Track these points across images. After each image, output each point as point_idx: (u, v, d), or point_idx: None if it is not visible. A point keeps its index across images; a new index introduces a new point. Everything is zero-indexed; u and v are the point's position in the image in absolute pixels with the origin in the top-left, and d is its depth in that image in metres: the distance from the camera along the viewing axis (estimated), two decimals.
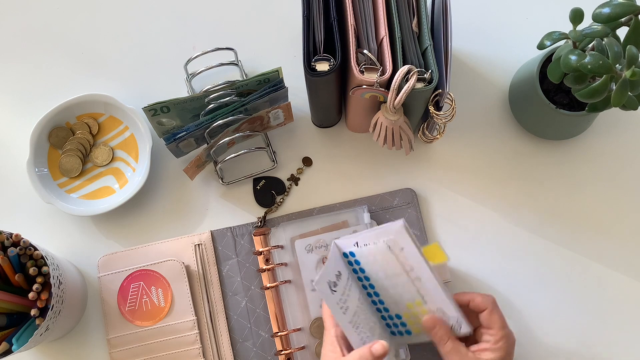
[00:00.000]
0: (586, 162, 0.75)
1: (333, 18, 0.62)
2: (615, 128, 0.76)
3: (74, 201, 0.74)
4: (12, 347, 0.62)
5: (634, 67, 0.55)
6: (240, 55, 0.77)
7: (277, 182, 0.76)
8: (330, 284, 0.59)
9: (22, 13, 0.82)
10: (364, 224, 0.72)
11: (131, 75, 0.80)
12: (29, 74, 0.80)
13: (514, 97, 0.75)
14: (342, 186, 0.75)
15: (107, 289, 0.72)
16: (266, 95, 0.69)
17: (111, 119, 0.77)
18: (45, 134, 0.75)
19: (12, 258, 0.62)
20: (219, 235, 0.74)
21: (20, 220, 0.76)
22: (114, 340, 0.71)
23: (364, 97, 0.63)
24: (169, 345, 0.70)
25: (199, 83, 0.77)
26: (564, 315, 0.71)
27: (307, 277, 0.71)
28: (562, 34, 0.61)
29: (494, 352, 0.59)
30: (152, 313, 0.71)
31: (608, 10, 0.57)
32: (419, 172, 0.75)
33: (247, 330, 0.72)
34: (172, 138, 0.69)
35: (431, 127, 0.70)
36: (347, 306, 0.59)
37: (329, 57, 0.61)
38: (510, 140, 0.76)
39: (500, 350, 0.59)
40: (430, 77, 0.61)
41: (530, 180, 0.75)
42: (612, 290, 0.72)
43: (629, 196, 0.74)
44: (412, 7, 0.64)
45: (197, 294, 0.72)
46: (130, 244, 0.74)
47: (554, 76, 0.61)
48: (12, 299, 0.63)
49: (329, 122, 0.77)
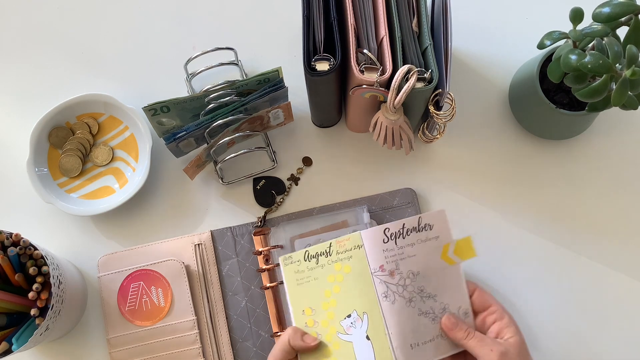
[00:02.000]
0: (586, 161, 0.75)
1: (333, 18, 0.62)
2: (616, 128, 0.75)
3: (74, 201, 0.74)
4: (12, 346, 0.61)
5: (634, 66, 0.55)
6: (240, 55, 0.77)
7: (277, 182, 0.76)
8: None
9: (22, 13, 0.82)
10: (364, 224, 0.72)
11: (131, 75, 0.80)
12: (29, 74, 0.81)
13: (514, 97, 0.75)
14: (342, 186, 0.75)
15: (107, 289, 0.72)
16: (266, 95, 0.69)
17: (111, 119, 0.77)
18: (45, 133, 0.75)
19: (12, 258, 0.62)
20: (219, 235, 0.74)
21: (20, 220, 0.76)
22: (114, 340, 0.70)
23: (364, 96, 0.63)
24: (169, 345, 0.70)
25: (199, 83, 0.77)
26: (564, 315, 0.71)
27: None
28: (562, 33, 0.61)
29: (509, 326, 0.58)
30: (152, 313, 0.71)
31: (608, 10, 0.57)
32: (419, 172, 0.75)
33: (247, 330, 0.72)
34: (172, 138, 0.69)
35: (431, 127, 0.70)
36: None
37: (329, 56, 0.61)
38: (510, 140, 0.76)
39: (512, 323, 0.58)
40: (430, 77, 0.61)
41: (530, 180, 0.75)
42: (612, 289, 0.71)
43: (629, 196, 0.74)
44: (412, 7, 0.64)
45: (197, 294, 0.72)
46: (130, 244, 0.74)
47: (554, 76, 0.61)
48: (12, 298, 0.63)
49: (329, 122, 0.77)
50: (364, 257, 0.61)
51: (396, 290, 0.60)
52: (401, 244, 0.61)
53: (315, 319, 0.61)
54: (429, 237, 0.61)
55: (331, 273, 0.61)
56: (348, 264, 0.61)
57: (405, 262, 0.61)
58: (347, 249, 0.61)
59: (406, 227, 0.61)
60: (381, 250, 0.61)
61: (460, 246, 0.61)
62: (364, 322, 0.60)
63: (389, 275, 0.60)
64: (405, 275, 0.60)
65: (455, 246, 0.62)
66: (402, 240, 0.61)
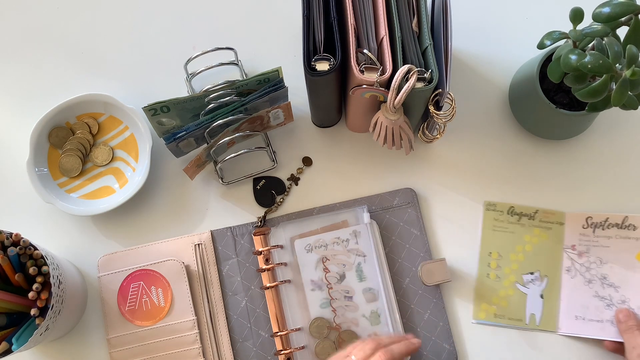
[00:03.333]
0: (586, 161, 0.75)
1: (333, 18, 0.62)
2: (616, 128, 0.75)
3: (74, 201, 0.74)
4: (12, 346, 0.61)
5: (634, 66, 0.55)
6: (240, 55, 0.77)
7: (277, 182, 0.76)
8: None
9: (22, 13, 0.82)
10: (364, 223, 0.72)
11: (131, 75, 0.80)
12: (29, 74, 0.80)
13: (514, 97, 0.75)
14: (342, 186, 0.75)
15: (107, 289, 0.72)
16: (266, 95, 0.69)
17: (111, 119, 0.77)
18: (45, 133, 0.75)
19: (12, 258, 0.62)
20: (219, 235, 0.74)
21: (20, 219, 0.76)
22: (114, 340, 0.70)
23: (364, 96, 0.63)
24: (169, 345, 0.70)
25: (199, 83, 0.77)
26: None
27: (307, 276, 0.71)
28: (562, 33, 0.61)
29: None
30: (152, 313, 0.71)
31: (608, 10, 0.57)
32: (419, 171, 0.75)
33: (247, 330, 0.72)
34: (172, 138, 0.69)
35: (431, 127, 0.70)
36: None
37: (329, 56, 0.61)
38: (510, 140, 0.76)
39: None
40: (430, 77, 0.61)
41: (530, 180, 0.75)
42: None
43: (629, 195, 0.74)
44: (412, 7, 0.64)
45: (197, 294, 0.72)
46: (130, 244, 0.74)
47: (554, 76, 0.61)
48: (12, 298, 0.63)
49: (329, 122, 0.77)
50: (562, 233, 0.71)
51: (579, 269, 0.70)
52: (599, 234, 0.70)
53: (499, 263, 0.71)
54: (629, 236, 0.69)
55: (528, 234, 0.72)
56: (546, 233, 0.71)
57: (597, 250, 0.70)
58: (550, 221, 0.71)
59: (609, 221, 0.70)
60: (578, 233, 0.71)
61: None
62: (543, 283, 0.70)
63: (578, 255, 0.70)
64: (592, 260, 0.70)
65: None
66: (602, 231, 0.70)
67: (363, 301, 0.71)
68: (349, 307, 0.70)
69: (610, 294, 0.69)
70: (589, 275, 0.70)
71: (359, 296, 0.71)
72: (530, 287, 0.71)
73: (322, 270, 0.71)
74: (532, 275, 0.71)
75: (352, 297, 0.71)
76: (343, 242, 0.72)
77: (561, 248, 0.71)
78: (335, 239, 0.72)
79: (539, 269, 0.71)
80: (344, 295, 0.71)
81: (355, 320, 0.70)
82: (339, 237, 0.72)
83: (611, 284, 0.69)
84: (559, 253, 0.71)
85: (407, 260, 0.72)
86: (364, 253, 0.71)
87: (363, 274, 0.71)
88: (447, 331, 0.70)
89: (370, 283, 0.71)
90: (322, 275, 0.71)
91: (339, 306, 0.70)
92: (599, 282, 0.69)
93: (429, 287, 0.71)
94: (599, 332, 0.68)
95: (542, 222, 0.72)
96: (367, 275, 0.71)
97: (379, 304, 0.70)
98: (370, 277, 0.71)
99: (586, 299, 0.69)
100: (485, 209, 0.73)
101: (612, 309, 0.68)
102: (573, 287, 0.70)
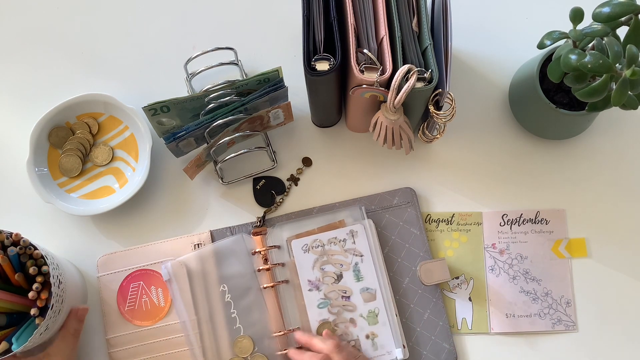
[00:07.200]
0: (586, 161, 0.75)
1: (333, 17, 0.62)
2: (616, 127, 0.75)
3: (74, 201, 0.74)
4: (11, 346, 0.61)
5: (634, 66, 0.55)
6: (240, 55, 0.77)
7: (277, 182, 0.76)
8: None
9: (22, 13, 0.82)
10: (360, 223, 0.72)
11: (131, 75, 0.80)
12: (29, 74, 0.80)
13: (514, 97, 0.75)
14: (341, 186, 0.75)
15: (107, 289, 0.72)
16: (266, 95, 0.69)
17: (111, 119, 0.77)
18: (45, 133, 0.75)
19: (12, 257, 0.62)
20: (219, 235, 0.74)
21: (20, 219, 0.76)
22: (114, 340, 0.70)
23: (364, 96, 0.63)
24: (169, 345, 0.70)
25: (199, 83, 0.77)
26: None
27: (304, 277, 0.71)
28: (562, 33, 0.61)
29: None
30: (151, 313, 0.71)
31: (608, 10, 0.57)
32: (419, 171, 0.75)
33: None
34: (172, 138, 0.69)
35: (431, 127, 0.70)
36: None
37: (329, 56, 0.61)
38: (510, 139, 0.76)
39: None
40: (430, 77, 0.61)
41: (530, 180, 0.75)
42: (612, 289, 0.72)
43: (629, 195, 0.74)
44: (412, 7, 0.64)
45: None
46: (130, 244, 0.74)
47: (554, 76, 0.61)
48: (12, 298, 0.63)
49: (329, 122, 0.77)
50: (480, 233, 0.72)
51: (502, 266, 0.71)
52: (516, 230, 0.72)
53: None
54: (543, 229, 0.72)
55: (448, 239, 0.72)
56: (466, 235, 0.72)
57: (516, 246, 0.72)
58: (468, 222, 0.72)
59: (523, 217, 0.72)
60: (496, 231, 0.72)
61: (572, 244, 0.71)
62: (469, 286, 0.71)
63: (499, 253, 0.72)
64: (513, 256, 0.71)
65: (568, 243, 0.71)
66: (517, 227, 0.72)
67: (361, 301, 0.71)
68: (346, 307, 0.70)
69: (534, 287, 0.71)
70: (512, 272, 0.71)
71: (357, 296, 0.71)
72: (457, 292, 0.71)
73: (319, 271, 0.71)
74: (457, 279, 0.72)
75: (349, 297, 0.71)
76: (340, 242, 0.72)
77: (482, 248, 0.72)
78: (332, 239, 0.72)
79: (463, 273, 0.72)
80: (341, 295, 0.71)
81: (353, 320, 0.70)
82: (336, 237, 0.72)
83: (534, 277, 0.71)
84: (481, 253, 0.72)
85: (406, 260, 0.72)
86: (361, 253, 0.71)
87: (360, 273, 0.71)
88: (446, 331, 0.70)
89: (368, 283, 0.71)
90: (319, 275, 0.71)
91: (336, 306, 0.70)
92: (522, 277, 0.71)
93: (429, 287, 0.71)
94: (529, 327, 0.70)
95: (460, 225, 0.73)
96: (364, 275, 0.71)
97: (377, 303, 0.70)
98: (367, 277, 0.71)
99: (513, 295, 0.71)
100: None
101: (538, 302, 0.70)
102: (499, 286, 0.71)
